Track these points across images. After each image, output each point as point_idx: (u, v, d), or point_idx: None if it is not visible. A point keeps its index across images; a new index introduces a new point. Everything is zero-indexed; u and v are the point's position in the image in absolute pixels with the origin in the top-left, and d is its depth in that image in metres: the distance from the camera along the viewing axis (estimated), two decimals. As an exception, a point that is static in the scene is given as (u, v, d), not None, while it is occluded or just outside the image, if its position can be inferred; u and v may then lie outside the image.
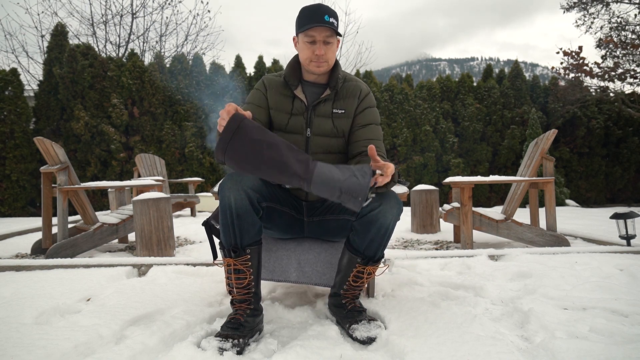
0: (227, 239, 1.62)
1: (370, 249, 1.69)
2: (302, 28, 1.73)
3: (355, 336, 1.59)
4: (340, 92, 1.86)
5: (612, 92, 10.14)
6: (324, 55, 1.74)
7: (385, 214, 1.60)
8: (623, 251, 2.92)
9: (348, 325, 1.65)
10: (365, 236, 1.66)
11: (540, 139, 3.70)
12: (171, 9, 26.04)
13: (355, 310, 1.72)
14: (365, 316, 1.68)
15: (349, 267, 1.75)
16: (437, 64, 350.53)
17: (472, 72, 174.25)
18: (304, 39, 1.75)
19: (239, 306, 1.64)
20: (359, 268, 1.73)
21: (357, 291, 1.80)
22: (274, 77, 1.90)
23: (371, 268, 1.73)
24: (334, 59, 1.82)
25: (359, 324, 1.63)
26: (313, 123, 1.83)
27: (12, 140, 8.01)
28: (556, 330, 1.57)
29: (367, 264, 1.72)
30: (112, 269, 2.57)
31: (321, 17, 1.70)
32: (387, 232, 1.64)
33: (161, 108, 8.72)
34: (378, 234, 1.64)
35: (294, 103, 1.84)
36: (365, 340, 1.56)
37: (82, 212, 3.64)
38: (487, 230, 3.56)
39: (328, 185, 1.37)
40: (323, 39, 1.73)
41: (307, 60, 1.78)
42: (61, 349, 1.41)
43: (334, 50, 1.78)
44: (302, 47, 1.78)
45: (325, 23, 1.69)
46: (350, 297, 1.80)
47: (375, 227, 1.63)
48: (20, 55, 16.67)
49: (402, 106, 9.42)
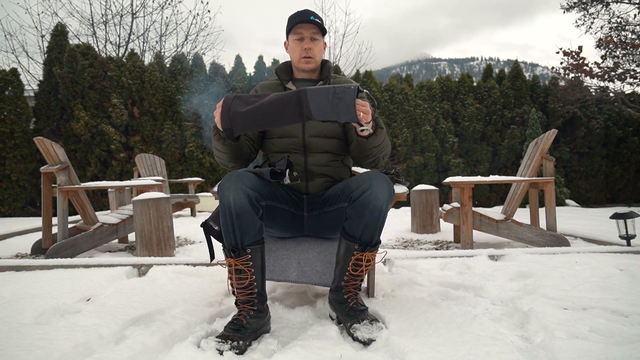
0: (227, 239, 1.62)
1: (366, 234, 1.69)
2: (290, 28, 1.91)
3: (356, 336, 1.57)
4: (332, 83, 1.98)
5: (612, 92, 10.15)
6: (311, 50, 1.90)
7: (377, 195, 1.62)
8: (623, 251, 2.92)
9: (349, 325, 1.63)
10: (359, 221, 1.66)
11: (540, 139, 3.70)
12: (171, 9, 26.02)
13: (357, 309, 1.70)
14: (367, 315, 1.67)
15: (347, 256, 1.74)
16: (437, 64, 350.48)
17: (472, 72, 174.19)
18: (293, 37, 1.92)
19: (242, 307, 1.64)
20: (357, 255, 1.71)
21: (358, 282, 1.78)
22: (266, 81, 2.05)
23: (369, 255, 1.72)
24: (321, 57, 1.98)
25: (361, 323, 1.61)
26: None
27: (12, 140, 8.01)
28: (556, 330, 1.57)
29: (365, 250, 1.71)
30: (112, 269, 2.57)
31: (307, 17, 1.88)
32: (380, 214, 1.65)
33: (161, 108, 8.72)
34: (372, 217, 1.65)
35: None
36: (366, 341, 1.55)
37: (82, 212, 3.64)
38: (487, 230, 3.56)
39: (321, 101, 1.50)
40: (310, 35, 1.90)
41: (298, 58, 1.93)
42: (61, 349, 1.41)
43: (320, 48, 1.95)
44: (292, 46, 1.94)
45: (311, 21, 1.87)
46: (352, 291, 1.77)
47: (369, 209, 1.63)
48: (20, 55, 16.69)
49: (402, 106, 9.42)
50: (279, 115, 1.53)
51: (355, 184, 1.68)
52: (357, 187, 1.66)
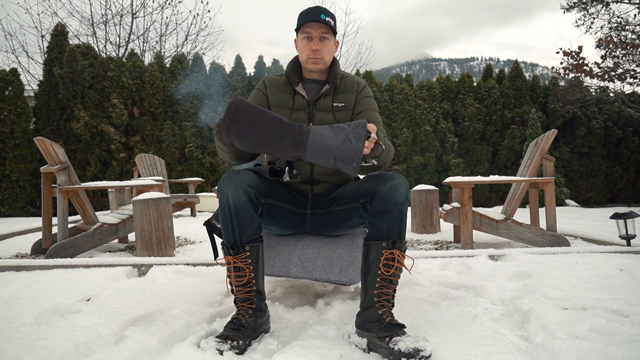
0: (226, 236, 1.63)
1: (393, 229, 1.60)
2: (299, 26, 1.82)
3: (398, 348, 1.38)
4: (339, 86, 1.92)
5: (612, 92, 10.15)
6: (319, 50, 1.81)
7: (397, 189, 1.58)
8: (623, 251, 2.92)
9: (388, 339, 1.43)
10: (383, 217, 1.59)
11: (540, 139, 3.70)
12: (171, 9, 26.03)
13: (396, 324, 1.51)
14: (405, 332, 1.49)
15: (376, 258, 1.60)
16: (437, 64, 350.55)
17: (472, 72, 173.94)
18: (301, 36, 1.84)
19: (241, 306, 1.63)
20: (386, 254, 1.58)
21: (392, 288, 1.61)
22: (274, 76, 1.96)
23: (399, 253, 1.60)
24: (331, 58, 1.88)
25: (402, 336, 1.43)
26: (315, 117, 1.87)
27: (12, 140, 8.01)
28: (556, 330, 1.57)
29: (394, 247, 1.59)
30: (112, 269, 2.57)
31: (317, 15, 1.79)
32: (403, 208, 1.60)
33: (161, 108, 8.72)
34: (396, 211, 1.59)
35: (295, 99, 1.89)
36: (412, 352, 1.37)
37: (82, 212, 3.64)
38: (487, 230, 3.56)
39: (322, 152, 1.40)
40: (319, 34, 1.80)
41: (305, 58, 1.85)
42: (61, 349, 1.41)
43: (330, 48, 1.85)
44: (300, 45, 1.86)
45: (321, 20, 1.77)
46: (386, 305, 1.57)
47: (392, 204, 1.58)
48: (20, 55, 16.67)
49: (402, 106, 9.42)
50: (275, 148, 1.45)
51: (371, 184, 1.65)
52: (374, 185, 1.63)
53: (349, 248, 1.95)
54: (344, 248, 1.96)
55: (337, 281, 1.91)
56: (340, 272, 1.91)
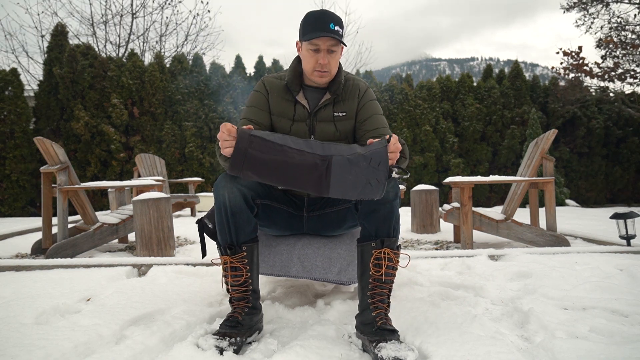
0: (222, 236, 1.64)
1: (382, 229, 1.59)
2: (306, 36, 1.71)
3: (380, 355, 1.38)
4: (340, 94, 1.85)
5: (612, 92, 10.15)
6: (327, 64, 1.73)
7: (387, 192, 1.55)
8: (623, 251, 2.92)
9: (375, 344, 1.44)
10: (372, 217, 1.58)
11: (540, 139, 3.70)
12: (171, 9, 25.98)
13: (386, 329, 1.49)
14: (397, 337, 1.48)
15: (366, 259, 1.61)
16: (437, 64, 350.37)
17: (472, 72, 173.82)
18: (307, 46, 1.73)
19: (237, 304, 1.65)
20: (375, 254, 1.57)
21: (386, 288, 1.59)
22: (274, 79, 1.87)
23: (390, 251, 1.58)
24: (337, 68, 1.81)
25: (388, 342, 1.43)
26: (315, 129, 1.83)
27: (12, 140, 8.01)
28: (556, 330, 1.57)
29: (383, 246, 1.57)
30: (112, 269, 2.57)
31: (327, 25, 1.67)
32: (392, 206, 1.58)
33: (161, 108, 8.72)
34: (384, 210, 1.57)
35: (295, 109, 1.83)
36: None
37: (82, 212, 3.64)
38: (487, 230, 3.56)
39: (344, 195, 1.43)
40: (327, 47, 1.71)
41: (311, 70, 1.76)
42: (61, 349, 1.41)
43: (337, 60, 1.77)
44: (305, 54, 1.76)
45: (330, 32, 1.67)
46: (380, 307, 1.57)
47: (380, 203, 1.55)
48: (20, 55, 16.71)
49: (402, 106, 9.42)
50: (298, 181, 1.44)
51: None
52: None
53: (349, 248, 1.96)
54: (343, 248, 1.96)
55: (337, 281, 1.91)
56: (340, 272, 1.91)
